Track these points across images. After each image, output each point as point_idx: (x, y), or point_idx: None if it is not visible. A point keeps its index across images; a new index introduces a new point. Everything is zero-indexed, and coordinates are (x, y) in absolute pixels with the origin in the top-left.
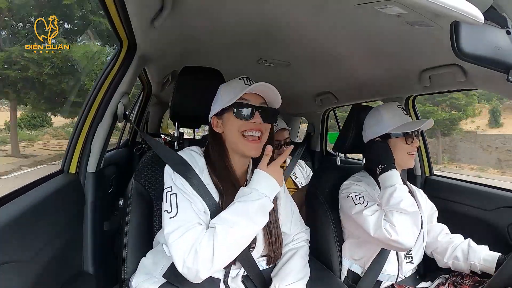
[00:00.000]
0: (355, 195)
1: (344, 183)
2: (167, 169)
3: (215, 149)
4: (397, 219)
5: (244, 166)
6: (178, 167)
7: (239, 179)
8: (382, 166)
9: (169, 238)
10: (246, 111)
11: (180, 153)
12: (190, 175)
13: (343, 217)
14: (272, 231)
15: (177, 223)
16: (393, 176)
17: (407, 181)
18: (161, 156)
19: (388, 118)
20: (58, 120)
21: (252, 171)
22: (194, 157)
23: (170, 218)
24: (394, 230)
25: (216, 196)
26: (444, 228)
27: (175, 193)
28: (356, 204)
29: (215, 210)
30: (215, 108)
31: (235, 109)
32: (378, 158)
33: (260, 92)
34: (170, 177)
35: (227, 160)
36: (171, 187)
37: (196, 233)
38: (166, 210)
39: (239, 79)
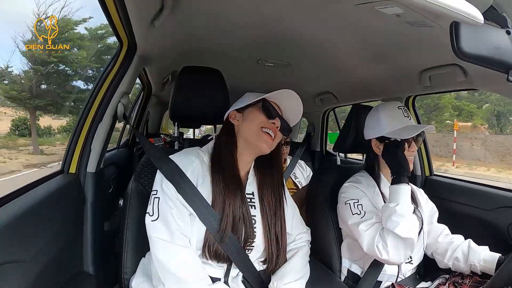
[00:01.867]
0: (353, 203)
1: (344, 185)
2: (159, 173)
3: (225, 139)
4: (391, 240)
5: (247, 166)
6: (169, 173)
7: (242, 177)
8: (393, 177)
9: (159, 242)
10: (272, 109)
11: (174, 156)
12: (180, 181)
13: (340, 220)
14: (271, 238)
15: (161, 227)
16: (399, 192)
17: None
18: (153, 161)
19: (385, 120)
20: None
21: (254, 174)
22: (190, 159)
23: (151, 221)
24: (385, 250)
25: (211, 193)
26: (444, 229)
27: (158, 197)
28: (353, 214)
29: (208, 214)
30: (238, 105)
31: (263, 105)
32: (392, 165)
33: (282, 103)
34: (160, 180)
35: (235, 150)
36: (157, 190)
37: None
38: (148, 213)
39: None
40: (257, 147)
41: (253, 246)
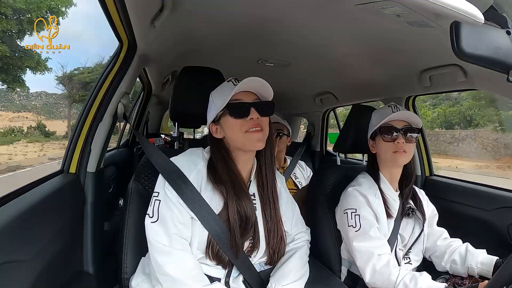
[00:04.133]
0: (351, 212)
1: (347, 189)
2: (161, 175)
3: (218, 155)
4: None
5: (248, 166)
6: (170, 176)
7: (244, 180)
8: None
9: (158, 245)
10: (241, 109)
11: (178, 158)
12: (181, 184)
13: (337, 222)
14: (271, 234)
15: (160, 230)
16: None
17: (413, 185)
18: (154, 163)
19: (374, 118)
20: None
21: (256, 172)
22: (195, 162)
23: (151, 222)
24: (374, 278)
25: (219, 200)
26: (444, 232)
27: (160, 200)
28: (348, 226)
29: (210, 219)
30: (211, 115)
31: (230, 110)
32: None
33: (250, 88)
34: (163, 183)
35: (232, 163)
36: (159, 193)
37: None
38: (148, 214)
39: (227, 81)
40: (250, 148)
41: (257, 248)
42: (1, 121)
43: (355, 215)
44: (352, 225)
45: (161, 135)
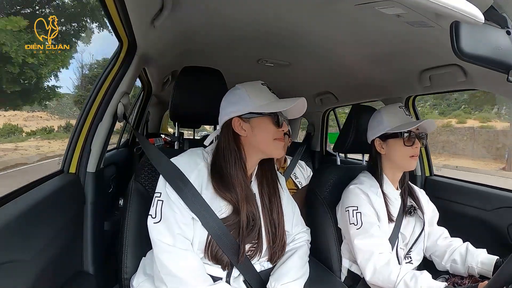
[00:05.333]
0: (353, 210)
1: (349, 187)
2: (161, 176)
3: (231, 152)
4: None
5: (252, 168)
6: (170, 177)
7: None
8: None
9: (162, 245)
10: (280, 120)
11: (178, 158)
12: (182, 185)
13: (338, 220)
14: (274, 230)
15: (163, 231)
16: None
17: (408, 181)
18: (154, 164)
19: (386, 119)
20: None
21: (257, 176)
22: (195, 162)
23: (154, 223)
24: (375, 276)
25: (221, 201)
26: (444, 231)
27: (162, 200)
28: (350, 224)
29: (210, 220)
30: (240, 108)
31: (275, 118)
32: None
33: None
34: (163, 183)
35: (243, 164)
36: (161, 193)
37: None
38: (151, 215)
39: (262, 84)
40: (271, 155)
41: (260, 250)
42: (16, 121)
43: (356, 212)
44: (353, 223)
45: (161, 135)
